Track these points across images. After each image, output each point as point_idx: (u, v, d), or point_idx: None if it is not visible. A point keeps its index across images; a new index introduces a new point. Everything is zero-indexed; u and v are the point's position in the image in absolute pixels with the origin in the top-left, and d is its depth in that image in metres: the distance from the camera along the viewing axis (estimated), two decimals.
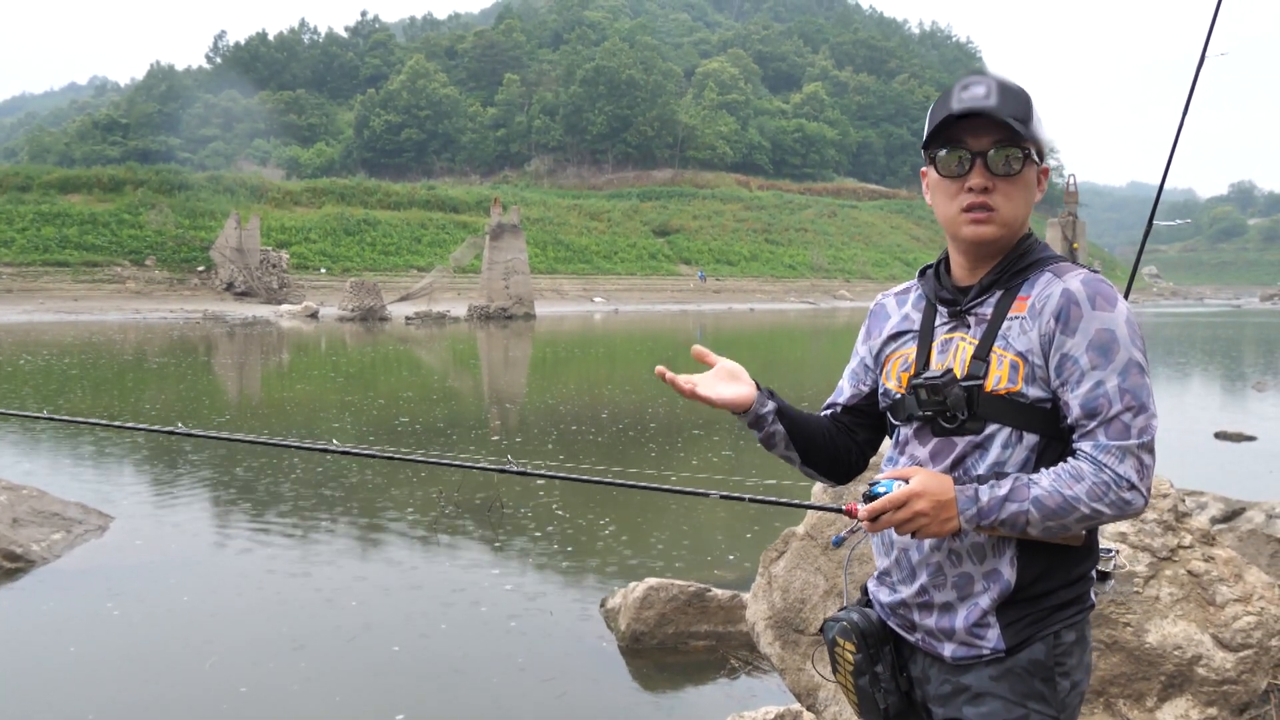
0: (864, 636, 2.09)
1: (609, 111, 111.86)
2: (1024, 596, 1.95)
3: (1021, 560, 1.95)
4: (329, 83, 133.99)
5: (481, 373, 25.47)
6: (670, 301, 74.87)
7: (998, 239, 2.00)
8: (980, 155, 1.97)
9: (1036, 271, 1.99)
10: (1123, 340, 1.89)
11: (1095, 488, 1.85)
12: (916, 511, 1.90)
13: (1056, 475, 1.88)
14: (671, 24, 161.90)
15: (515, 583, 7.24)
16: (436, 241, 77.24)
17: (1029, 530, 1.89)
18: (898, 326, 2.16)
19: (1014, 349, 1.94)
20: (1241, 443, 13.39)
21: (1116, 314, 1.90)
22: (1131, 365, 1.88)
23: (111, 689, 5.38)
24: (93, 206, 66.62)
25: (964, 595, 1.99)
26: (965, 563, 1.98)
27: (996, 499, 1.88)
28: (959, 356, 2.00)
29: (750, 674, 5.61)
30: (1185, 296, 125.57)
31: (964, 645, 1.99)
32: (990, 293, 2.02)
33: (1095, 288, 1.92)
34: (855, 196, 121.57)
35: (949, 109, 1.97)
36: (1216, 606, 3.48)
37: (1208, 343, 38.13)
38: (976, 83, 1.99)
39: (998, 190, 1.97)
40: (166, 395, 18.32)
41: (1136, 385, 1.88)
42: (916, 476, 1.93)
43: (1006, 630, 1.95)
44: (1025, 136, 1.96)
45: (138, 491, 10.21)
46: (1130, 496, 1.86)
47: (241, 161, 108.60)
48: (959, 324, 2.04)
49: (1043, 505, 1.86)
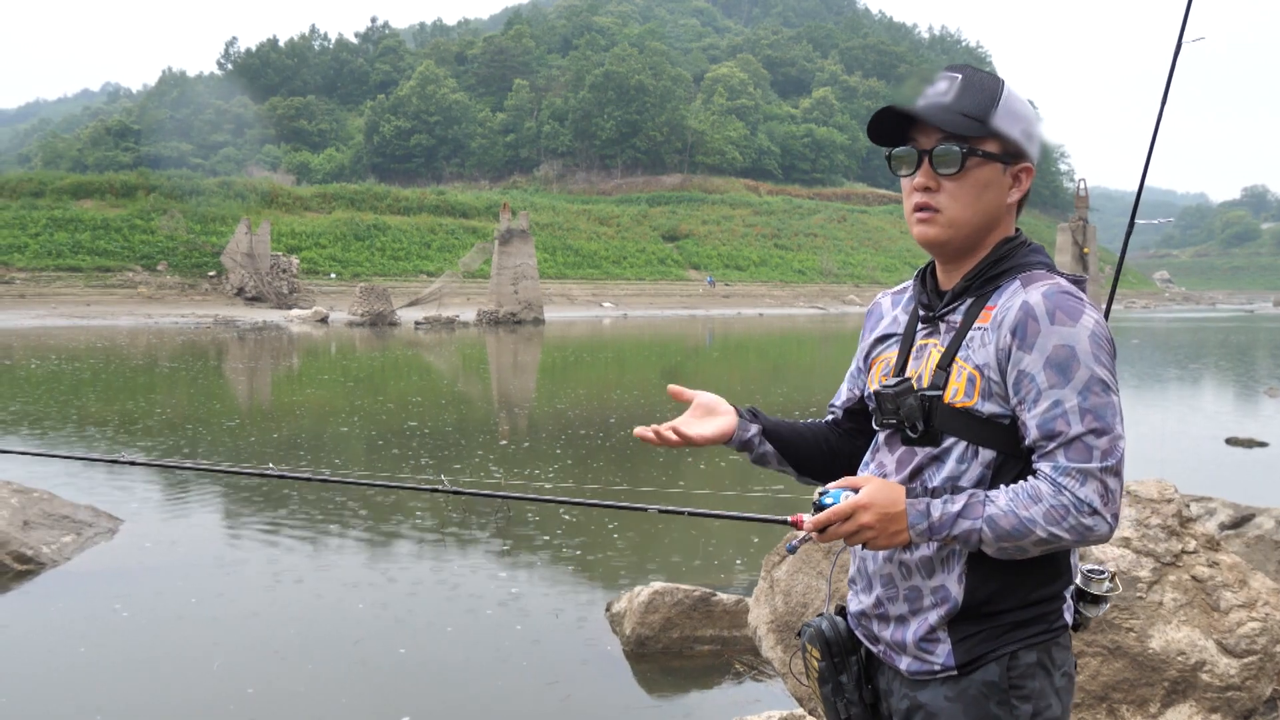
0: (829, 645, 2.04)
1: (618, 117, 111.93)
2: (976, 614, 1.87)
3: (971, 579, 1.87)
4: (339, 89, 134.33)
5: (490, 378, 25.50)
6: (679, 307, 74.85)
7: (945, 241, 1.93)
8: (926, 153, 1.91)
9: (1009, 279, 1.91)
10: (1083, 356, 1.78)
11: (1053, 511, 1.75)
12: (862, 524, 1.83)
13: (1014, 495, 1.78)
14: (680, 29, 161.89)
15: (521, 586, 7.25)
16: (446, 247, 77.41)
17: (983, 549, 1.81)
18: (886, 328, 2.11)
19: (973, 362, 1.87)
20: (1253, 449, 13.33)
21: (1078, 329, 1.79)
22: (1093, 383, 1.78)
23: (120, 690, 5.41)
24: (105, 212, 66.99)
25: (915, 609, 1.93)
26: (915, 576, 1.92)
27: (949, 515, 1.80)
28: (928, 364, 1.94)
29: (755, 678, 5.61)
30: (1198, 301, 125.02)
31: (916, 659, 1.93)
32: (962, 299, 1.95)
33: (1056, 301, 1.81)
34: (865, 201, 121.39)
35: (900, 105, 1.92)
36: (1220, 612, 3.47)
37: (1220, 348, 38.00)
38: (943, 78, 1.94)
39: (943, 190, 1.90)
40: (178, 399, 18.38)
41: (1099, 405, 1.78)
42: (866, 487, 1.85)
43: (958, 647, 1.88)
44: (975, 134, 1.88)
45: (147, 495, 10.24)
46: (1092, 522, 1.75)
47: (252, 167, 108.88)
48: (933, 330, 1.97)
49: (996, 525, 1.77)
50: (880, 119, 1.94)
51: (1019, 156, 1.94)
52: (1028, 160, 1.95)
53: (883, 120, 1.94)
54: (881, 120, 1.94)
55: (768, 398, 19.35)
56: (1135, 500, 3.67)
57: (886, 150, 1.98)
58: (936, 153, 1.90)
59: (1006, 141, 1.91)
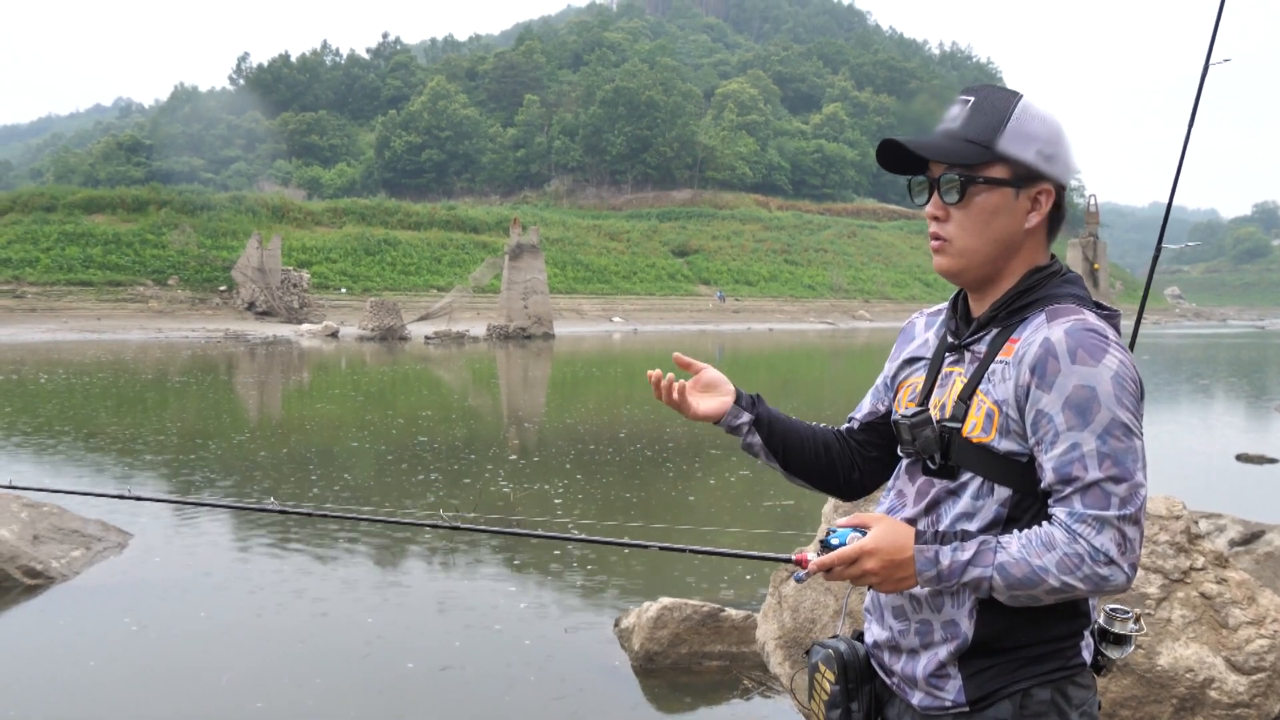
0: (846, 669, 1.99)
1: (628, 132, 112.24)
2: (987, 650, 1.82)
3: (982, 615, 1.82)
4: (350, 104, 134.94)
5: (500, 392, 25.53)
6: (689, 322, 74.87)
7: (959, 271, 1.91)
8: (935, 183, 1.89)
9: (1036, 311, 1.84)
10: (1104, 398, 1.71)
11: (1067, 559, 1.68)
12: (866, 570, 1.79)
13: (1026, 541, 1.72)
14: (691, 45, 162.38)
15: (530, 601, 7.25)
16: (456, 261, 77.59)
17: (995, 596, 1.76)
18: (916, 351, 2.07)
19: (993, 396, 1.81)
20: (1263, 465, 13.29)
21: (1101, 369, 1.72)
22: (1114, 426, 1.70)
23: (129, 704, 5.42)
24: (116, 226, 67.29)
25: (925, 643, 1.88)
26: (925, 610, 1.88)
27: (959, 564, 1.75)
28: (951, 394, 1.89)
29: (764, 694, 5.59)
30: (1208, 318, 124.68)
31: (928, 695, 1.88)
32: (988, 329, 1.89)
33: (1079, 338, 1.74)
34: (875, 217, 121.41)
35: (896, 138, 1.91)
36: (1229, 629, 3.46)
37: (1230, 364, 37.88)
38: (958, 101, 1.90)
39: (951, 219, 1.88)
40: (188, 414, 18.43)
41: (1119, 450, 1.70)
42: (875, 529, 1.81)
43: (969, 682, 1.83)
44: (977, 160, 1.83)
45: (156, 510, 10.26)
46: (1108, 572, 1.68)
47: (263, 182, 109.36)
48: (959, 358, 1.92)
49: (1008, 574, 1.72)
50: (894, 151, 1.92)
51: (1035, 178, 1.86)
52: (1047, 181, 1.87)
53: (893, 152, 1.92)
54: (892, 152, 1.92)
55: None
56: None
57: (907, 179, 1.97)
58: (940, 182, 1.88)
59: (1016, 164, 1.84)
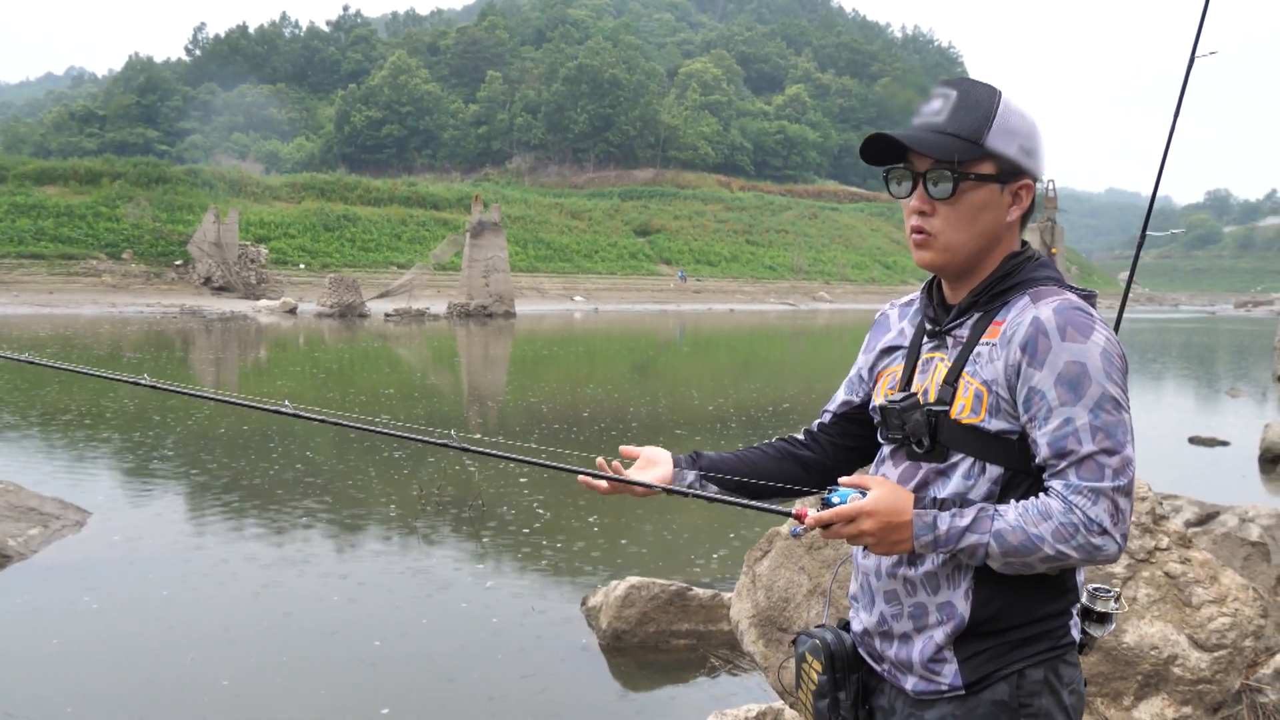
0: (833, 659, 2.01)
1: (591, 110, 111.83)
2: (982, 631, 1.85)
3: (978, 595, 1.85)
4: (310, 77, 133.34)
5: (462, 370, 25.45)
6: (650, 301, 74.93)
7: (943, 264, 1.93)
8: (921, 176, 1.89)
9: (1018, 294, 1.88)
10: (1095, 373, 1.75)
11: (1062, 529, 1.73)
12: (863, 530, 1.81)
13: (1023, 511, 1.76)
14: (655, 24, 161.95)
15: (497, 580, 7.26)
16: (417, 238, 77.09)
17: (989, 563, 1.79)
18: (892, 341, 2.09)
19: (980, 377, 1.84)
20: (1215, 447, 13.53)
21: (1090, 345, 1.76)
22: (1105, 400, 1.75)
23: (94, 683, 5.38)
24: (69, 199, 66.18)
25: (920, 626, 1.90)
26: (920, 592, 1.90)
27: (957, 529, 1.78)
28: (934, 378, 1.92)
29: (731, 672, 5.65)
30: (1161, 303, 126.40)
31: (923, 679, 1.90)
32: (969, 314, 1.92)
33: (1068, 316, 1.78)
34: (836, 199, 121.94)
35: (886, 132, 1.89)
36: (1192, 608, 3.53)
37: (1182, 349, 38.46)
38: (938, 95, 1.91)
39: (937, 214, 1.89)
40: (141, 391, 18.21)
41: (1110, 423, 1.75)
42: (875, 491, 1.83)
43: (964, 665, 1.86)
44: (968, 156, 1.85)
45: (115, 487, 10.17)
46: (1101, 542, 1.73)
47: (220, 155, 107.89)
48: (940, 344, 1.95)
49: (1004, 540, 1.75)
50: (876, 143, 1.92)
51: (1017, 174, 1.90)
52: (1027, 176, 1.92)
53: (875, 144, 1.92)
54: (874, 144, 1.92)
55: (738, 393, 19.43)
56: None
57: (884, 169, 1.95)
58: (929, 178, 1.88)
59: (1002, 160, 1.88)
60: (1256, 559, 4.95)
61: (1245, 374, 26.87)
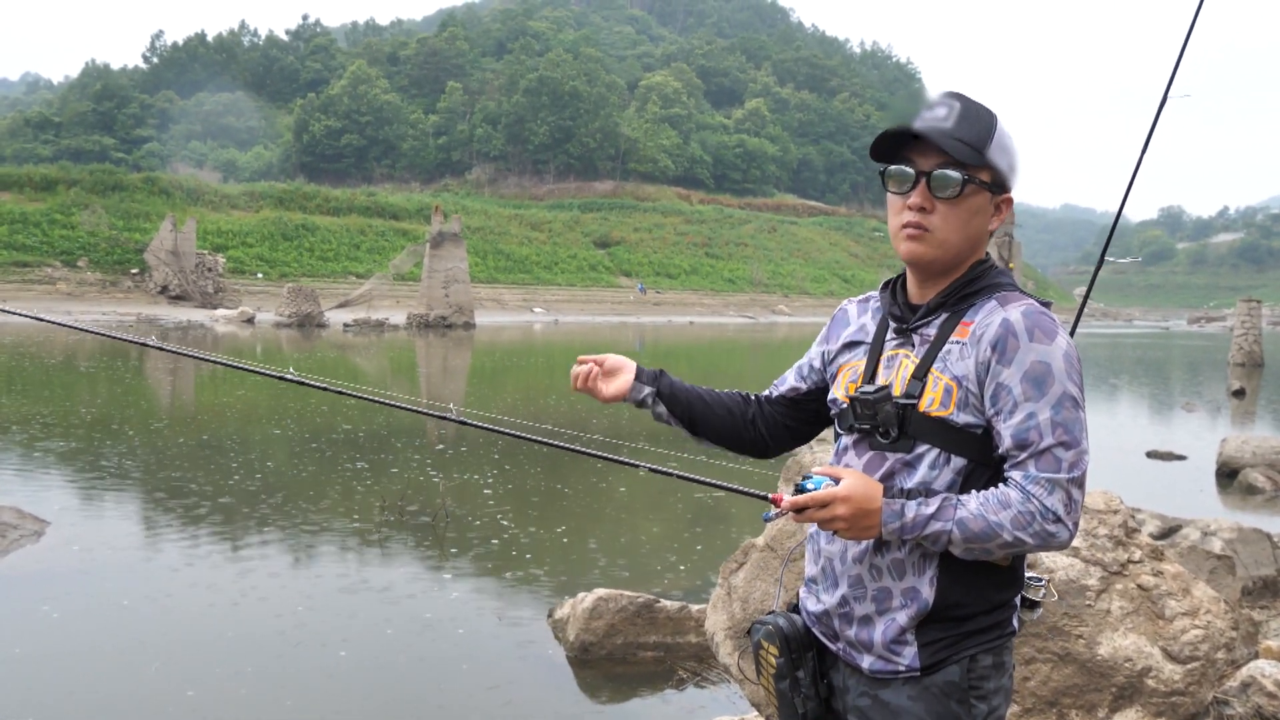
0: (787, 641, 2.10)
1: (551, 122, 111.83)
2: (942, 618, 1.96)
3: (941, 581, 1.96)
4: (268, 86, 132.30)
5: (421, 381, 25.28)
6: (610, 313, 74.90)
7: (932, 259, 2.01)
8: (924, 175, 1.98)
9: (985, 298, 2.00)
10: (1058, 373, 1.88)
11: (1020, 517, 1.85)
12: (837, 514, 1.90)
13: (984, 500, 1.88)
14: (615, 37, 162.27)
15: (462, 592, 7.20)
16: (376, 248, 76.63)
17: (950, 549, 1.90)
18: (853, 336, 2.17)
19: (950, 373, 1.95)
20: (1172, 461, 13.69)
21: (1054, 347, 1.89)
22: (1065, 399, 1.88)
23: (57, 692, 5.26)
24: (23, 205, 65.12)
25: (882, 609, 2.00)
26: (885, 577, 1.99)
27: (922, 516, 1.88)
28: (900, 374, 2.01)
29: (699, 685, 5.62)
30: (1115, 318, 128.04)
31: (881, 659, 2.00)
32: (937, 314, 2.03)
33: (1035, 320, 1.91)
34: (795, 213, 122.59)
35: (905, 125, 1.99)
36: (1165, 620, 3.56)
37: (1137, 364, 38.95)
38: (941, 103, 2.01)
39: (936, 212, 1.98)
40: (99, 400, 17.97)
41: (1069, 419, 1.88)
42: (847, 479, 1.92)
43: (923, 650, 1.96)
44: (974, 162, 1.96)
45: (73, 498, 10.00)
46: (1055, 529, 1.85)
47: (177, 163, 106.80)
48: (905, 341, 2.05)
49: (966, 528, 1.86)
50: (881, 136, 2.02)
51: (1003, 188, 2.03)
52: (1008, 192, 2.05)
53: (884, 137, 2.01)
54: (884, 137, 2.01)
55: None
56: (1083, 511, 3.75)
57: (881, 166, 2.05)
58: (935, 176, 1.98)
59: (997, 173, 2.01)
60: (1222, 572, 5.01)
61: (1200, 389, 27.26)
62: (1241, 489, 11.88)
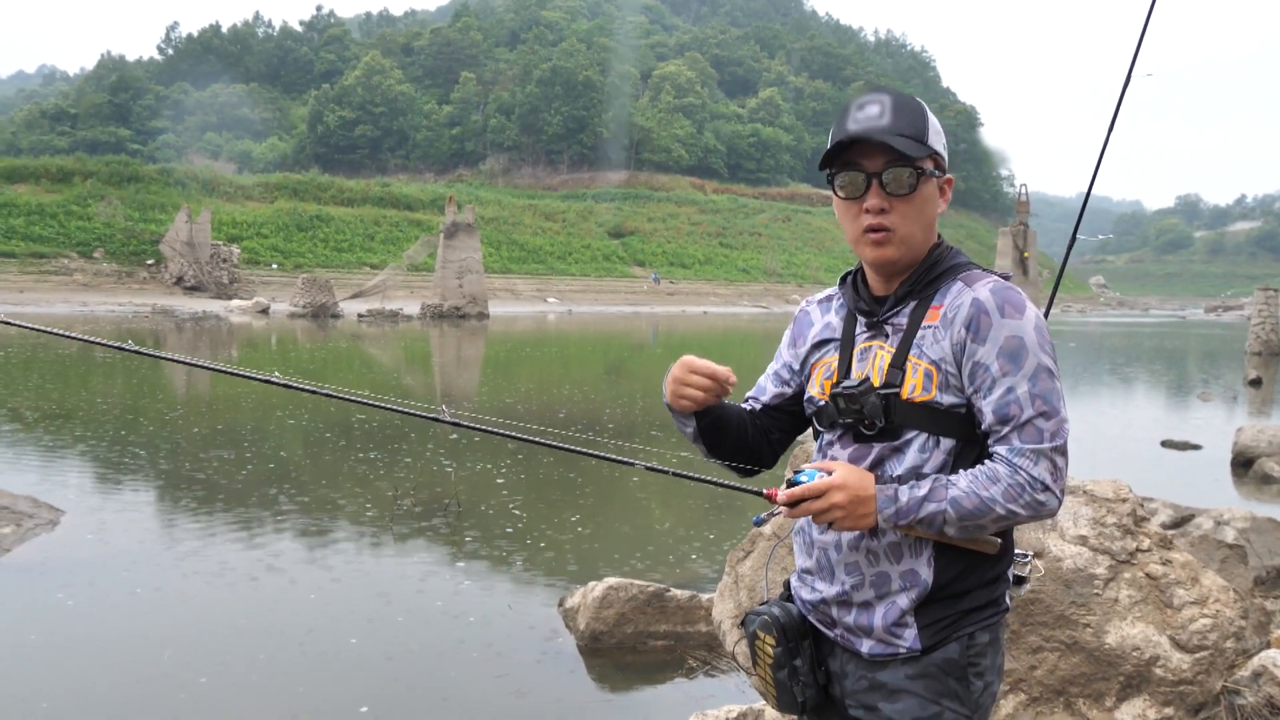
0: (784, 631, 2.11)
1: (565, 112, 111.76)
2: (942, 597, 1.99)
3: (939, 562, 1.98)
4: (283, 77, 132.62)
5: (435, 371, 25.34)
6: (624, 303, 74.84)
7: (899, 258, 2.03)
8: (875, 176, 1.99)
9: (949, 280, 2.03)
10: (1031, 346, 1.92)
11: (1010, 489, 1.89)
12: (833, 504, 1.92)
13: (974, 477, 1.92)
14: (629, 26, 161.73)
15: (473, 581, 7.22)
16: (390, 239, 76.75)
17: (946, 529, 1.92)
18: (821, 334, 2.20)
19: (928, 357, 1.98)
20: (1187, 451, 13.63)
21: (1025, 321, 1.93)
22: (1041, 370, 1.92)
23: (72, 679, 5.30)
24: (40, 197, 65.46)
25: (881, 594, 2.02)
26: (882, 562, 2.02)
27: (915, 499, 1.91)
28: (876, 365, 2.04)
29: (709, 674, 5.63)
30: (1132, 307, 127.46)
31: (881, 643, 2.02)
32: (905, 303, 2.05)
33: (1004, 295, 1.95)
34: (809, 202, 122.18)
35: (844, 131, 1.99)
36: (1174, 609, 3.55)
37: (1154, 353, 38.76)
38: (870, 101, 2.02)
39: (894, 210, 2.00)
40: (116, 390, 18.06)
41: (1047, 390, 1.92)
42: (839, 470, 1.95)
43: (924, 631, 1.99)
44: (918, 154, 1.98)
45: (88, 486, 10.06)
46: (1044, 498, 1.90)
47: (193, 155, 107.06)
48: (877, 333, 2.07)
49: (960, 506, 1.90)
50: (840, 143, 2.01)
51: (944, 170, 2.07)
52: (947, 173, 2.09)
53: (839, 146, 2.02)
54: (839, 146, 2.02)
55: None
56: (1091, 500, 3.74)
57: (829, 173, 2.06)
58: (887, 176, 1.99)
59: (938, 157, 2.04)
60: (1234, 561, 4.99)
61: (1216, 378, 27.11)
62: (1257, 478, 11.82)
